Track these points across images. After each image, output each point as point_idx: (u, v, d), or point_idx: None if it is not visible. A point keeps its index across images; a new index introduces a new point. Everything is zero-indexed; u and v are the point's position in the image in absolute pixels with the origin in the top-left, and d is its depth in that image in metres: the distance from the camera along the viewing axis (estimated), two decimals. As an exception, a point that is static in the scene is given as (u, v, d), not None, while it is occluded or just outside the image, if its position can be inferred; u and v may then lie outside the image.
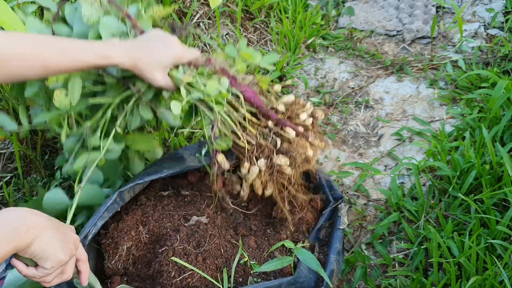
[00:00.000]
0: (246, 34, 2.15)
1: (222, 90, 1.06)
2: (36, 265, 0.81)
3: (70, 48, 0.97)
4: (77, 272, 0.91)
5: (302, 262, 1.08)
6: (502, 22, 2.12)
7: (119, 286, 1.07)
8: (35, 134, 1.59)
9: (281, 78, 1.97)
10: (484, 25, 2.15)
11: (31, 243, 0.77)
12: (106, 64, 1.00)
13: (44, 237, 0.78)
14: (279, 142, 1.09)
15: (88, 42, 1.03)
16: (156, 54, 1.03)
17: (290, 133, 1.10)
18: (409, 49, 2.12)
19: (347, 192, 1.57)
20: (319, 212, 1.27)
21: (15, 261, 0.81)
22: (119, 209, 1.21)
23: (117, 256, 1.15)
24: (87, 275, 0.92)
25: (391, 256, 1.39)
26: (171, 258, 1.09)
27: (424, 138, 1.71)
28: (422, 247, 1.36)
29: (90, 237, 1.12)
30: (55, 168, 1.55)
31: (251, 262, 1.11)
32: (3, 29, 0.99)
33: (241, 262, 1.11)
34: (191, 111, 1.17)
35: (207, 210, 1.23)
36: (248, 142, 1.08)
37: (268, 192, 1.12)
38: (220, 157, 1.11)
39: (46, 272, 0.81)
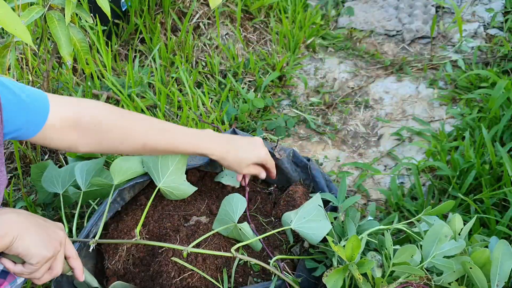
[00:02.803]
0: (245, 34, 2.15)
1: None
2: (23, 262, 0.84)
3: (171, 133, 1.08)
4: (71, 270, 0.94)
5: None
6: (502, 22, 2.12)
7: (114, 283, 1.08)
8: (34, 134, 1.59)
9: (280, 78, 1.97)
10: (484, 25, 2.15)
11: (11, 244, 0.80)
12: (199, 153, 1.12)
13: (26, 236, 0.82)
14: None
15: (186, 129, 1.12)
16: (243, 152, 1.15)
17: None
18: (408, 49, 2.12)
19: (340, 182, 1.57)
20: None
21: (2, 260, 0.84)
22: (119, 209, 1.21)
23: (117, 257, 1.15)
24: (81, 270, 0.95)
25: (391, 256, 1.39)
26: (171, 258, 1.09)
27: (424, 138, 1.71)
28: (422, 247, 1.36)
29: (91, 236, 1.11)
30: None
31: (251, 262, 1.11)
32: (3, 30, 0.99)
33: (240, 262, 1.11)
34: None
35: (207, 210, 1.23)
36: None
37: None
38: None
39: (33, 268, 0.84)
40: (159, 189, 1.18)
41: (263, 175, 1.24)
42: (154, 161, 1.16)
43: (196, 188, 1.21)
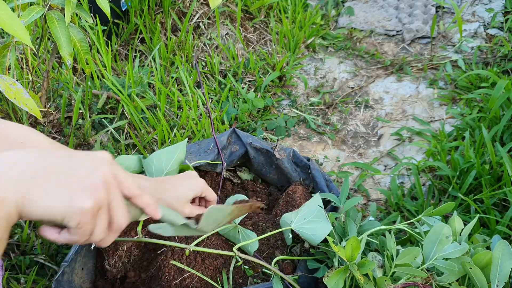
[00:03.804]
0: (245, 34, 2.14)
1: None
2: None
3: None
4: (142, 209, 0.66)
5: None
6: (502, 22, 2.12)
7: (210, 207, 0.84)
8: (34, 134, 1.59)
9: (280, 78, 1.97)
10: (484, 25, 2.15)
11: (18, 211, 0.53)
12: None
13: (37, 194, 0.53)
14: None
15: None
16: (177, 190, 0.99)
17: None
18: (408, 49, 2.12)
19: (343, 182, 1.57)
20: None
21: (43, 229, 0.57)
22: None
23: (116, 256, 1.15)
24: (151, 206, 0.66)
25: (391, 256, 1.39)
26: (170, 261, 1.09)
27: (424, 138, 1.71)
28: (422, 247, 1.36)
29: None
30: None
31: (245, 266, 1.11)
32: (3, 30, 0.99)
33: (238, 264, 1.11)
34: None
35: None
36: None
37: None
38: None
39: (80, 231, 0.56)
40: None
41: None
42: (148, 163, 1.15)
43: None
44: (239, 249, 1.11)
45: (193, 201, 1.06)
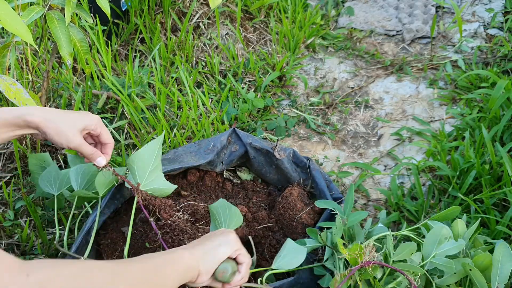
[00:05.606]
0: (245, 34, 2.14)
1: None
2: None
3: None
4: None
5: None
6: (502, 22, 2.12)
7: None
8: (34, 134, 1.59)
9: (280, 78, 1.97)
10: (484, 25, 2.15)
11: (199, 274, 0.85)
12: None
13: (204, 255, 0.86)
14: None
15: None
16: (70, 116, 1.00)
17: None
18: (408, 49, 2.12)
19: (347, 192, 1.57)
20: (319, 214, 1.27)
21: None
22: (119, 205, 1.21)
23: (115, 257, 1.15)
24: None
25: (391, 256, 1.39)
26: None
27: (424, 138, 1.71)
28: (422, 247, 1.36)
29: (92, 232, 1.11)
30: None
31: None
32: (3, 30, 0.99)
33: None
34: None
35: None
36: None
37: None
38: None
39: (242, 257, 0.91)
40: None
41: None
42: (131, 165, 1.10)
43: (176, 186, 1.17)
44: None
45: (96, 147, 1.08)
